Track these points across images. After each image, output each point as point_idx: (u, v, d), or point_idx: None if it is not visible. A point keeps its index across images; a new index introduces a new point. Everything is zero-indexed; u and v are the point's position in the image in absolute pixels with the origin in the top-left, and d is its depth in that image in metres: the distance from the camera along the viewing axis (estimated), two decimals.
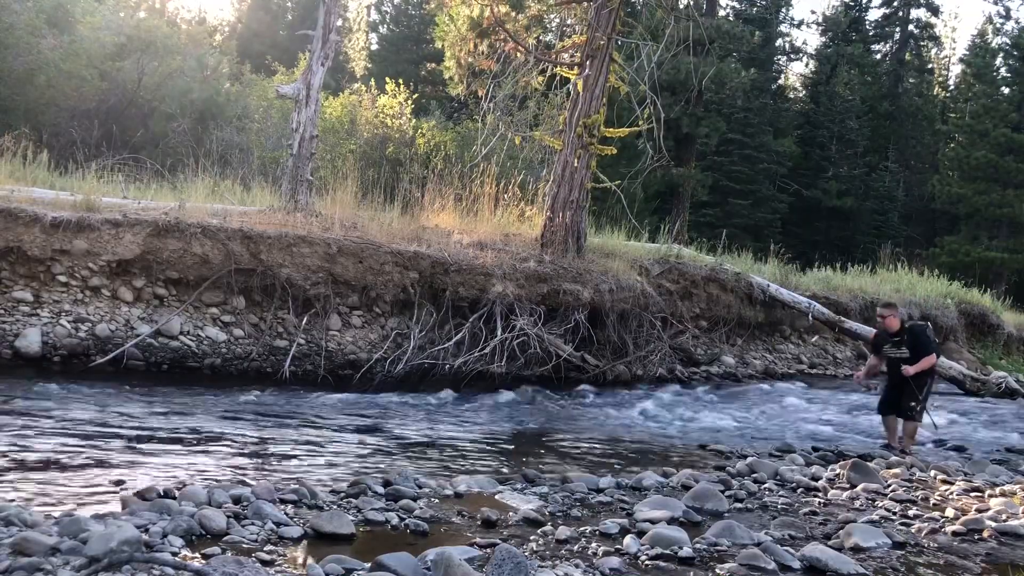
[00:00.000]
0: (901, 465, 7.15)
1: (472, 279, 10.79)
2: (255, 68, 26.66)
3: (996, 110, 30.24)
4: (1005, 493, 6.29)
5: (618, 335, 11.62)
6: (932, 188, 32.03)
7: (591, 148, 11.93)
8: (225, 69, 23.59)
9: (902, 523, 5.38)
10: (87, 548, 3.55)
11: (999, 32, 36.88)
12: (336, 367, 9.88)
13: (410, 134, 20.41)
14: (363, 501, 4.91)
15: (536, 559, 4.15)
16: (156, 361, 9.03)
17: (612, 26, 11.86)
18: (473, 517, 4.87)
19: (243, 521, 4.35)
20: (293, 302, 9.98)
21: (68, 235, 9.01)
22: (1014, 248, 29.08)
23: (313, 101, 11.73)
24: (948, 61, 43.48)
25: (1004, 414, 11.55)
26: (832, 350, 15.62)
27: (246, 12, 39.43)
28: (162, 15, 27.30)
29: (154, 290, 9.48)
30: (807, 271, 17.10)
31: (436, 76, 27.20)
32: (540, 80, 13.25)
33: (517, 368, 10.55)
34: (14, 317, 8.64)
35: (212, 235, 9.64)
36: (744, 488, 6.00)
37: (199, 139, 17.37)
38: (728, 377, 12.95)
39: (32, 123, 15.88)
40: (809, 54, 37.67)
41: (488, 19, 12.35)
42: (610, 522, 4.85)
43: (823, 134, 32.70)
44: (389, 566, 3.76)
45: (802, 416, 10.22)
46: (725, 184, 28.79)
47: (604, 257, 12.24)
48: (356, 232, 10.80)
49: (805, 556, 4.44)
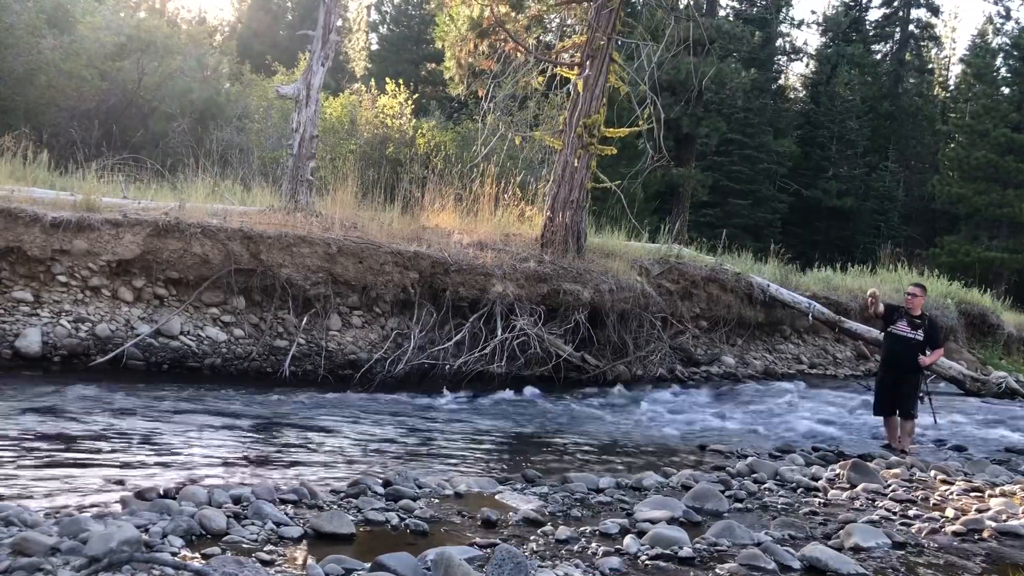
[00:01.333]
0: (901, 465, 7.15)
1: (472, 279, 10.79)
2: (255, 68, 26.65)
3: (996, 110, 30.23)
4: (1005, 493, 6.29)
5: (618, 335, 11.63)
6: (932, 188, 32.02)
7: (591, 148, 11.93)
8: (225, 69, 23.60)
9: (902, 523, 5.38)
10: (87, 548, 3.55)
11: (999, 32, 36.89)
12: (336, 367, 9.88)
13: (410, 134, 20.41)
14: (363, 501, 4.91)
15: (536, 559, 4.15)
16: (156, 361, 9.03)
17: (612, 26, 11.86)
18: (473, 517, 4.87)
19: (243, 521, 4.35)
20: (293, 302, 9.98)
21: (68, 235, 9.01)
22: (1014, 248, 29.07)
23: (313, 101, 11.73)
24: (948, 61, 43.52)
25: (1004, 414, 11.55)
26: (832, 350, 15.62)
27: (246, 12, 39.43)
28: (162, 15, 27.32)
29: (154, 290, 9.48)
30: (807, 271, 17.10)
31: (436, 76, 27.19)
32: (540, 80, 13.26)
33: (517, 368, 10.56)
34: (14, 317, 8.64)
35: (212, 235, 9.64)
36: (744, 488, 6.00)
37: (199, 139, 17.37)
38: (728, 377, 12.95)
39: (32, 123, 15.88)
40: (809, 54, 37.68)
41: (488, 19, 12.35)
42: (610, 522, 4.85)
43: (823, 134, 32.71)
44: (389, 566, 3.76)
45: (802, 416, 10.21)
46: (725, 184, 28.80)
47: (604, 257, 12.25)
48: (356, 232, 10.80)
49: (805, 556, 4.44)
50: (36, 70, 17.25)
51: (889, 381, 8.60)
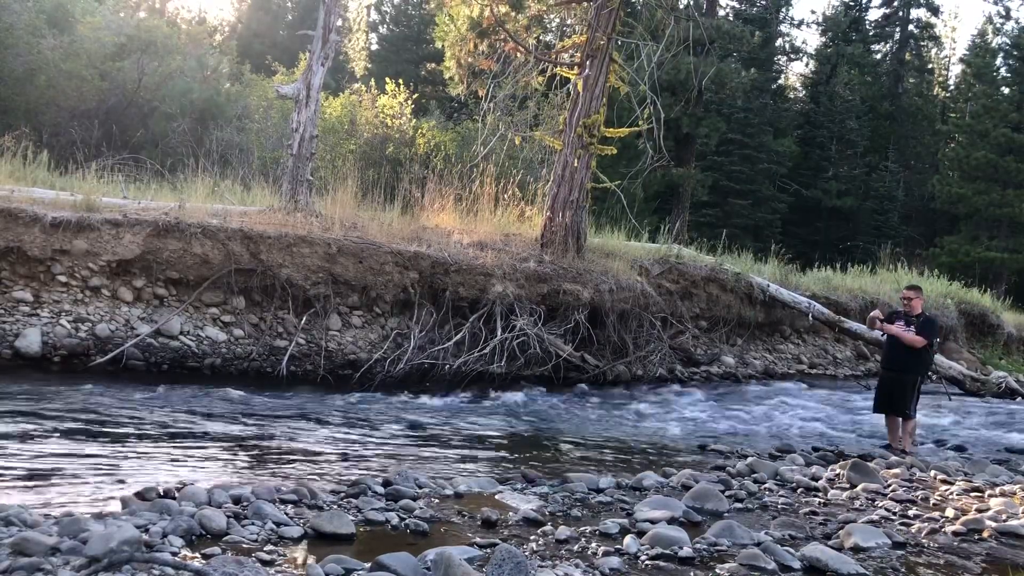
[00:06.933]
0: (901, 465, 7.15)
1: (472, 279, 10.79)
2: (255, 68, 26.64)
3: (996, 110, 30.23)
4: (1005, 493, 6.29)
5: (618, 335, 11.62)
6: (932, 188, 32.01)
7: (591, 148, 11.93)
8: (225, 69, 23.61)
9: (902, 523, 5.38)
10: (87, 548, 3.55)
11: (999, 32, 36.88)
12: (336, 367, 9.88)
13: (410, 134, 20.42)
14: (363, 501, 4.91)
15: (536, 559, 4.15)
16: (156, 361, 9.03)
17: (612, 26, 11.86)
18: (473, 517, 4.86)
19: (243, 521, 4.35)
20: (293, 302, 9.98)
21: (68, 235, 9.01)
22: (1014, 248, 29.07)
23: (313, 101, 11.73)
24: (948, 61, 43.51)
25: (1004, 414, 11.55)
26: (832, 350, 15.61)
27: (246, 12, 39.43)
28: (162, 15, 27.34)
29: (154, 290, 9.49)
30: (807, 271, 17.08)
31: (436, 76, 27.20)
32: (540, 80, 13.25)
33: (517, 368, 10.56)
34: (14, 317, 8.64)
35: (212, 235, 9.64)
36: (744, 488, 6.00)
37: (199, 139, 17.38)
38: (728, 377, 12.95)
39: (32, 123, 15.89)
40: (809, 54, 37.63)
41: (488, 19, 12.35)
42: (610, 522, 4.85)
43: (823, 134, 32.70)
44: (389, 566, 3.76)
45: (802, 416, 10.22)
46: (725, 184, 28.79)
47: (604, 257, 12.24)
48: (356, 232, 10.80)
49: (805, 556, 4.44)
50: (36, 70, 17.26)
51: (887, 380, 8.66)
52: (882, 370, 8.96)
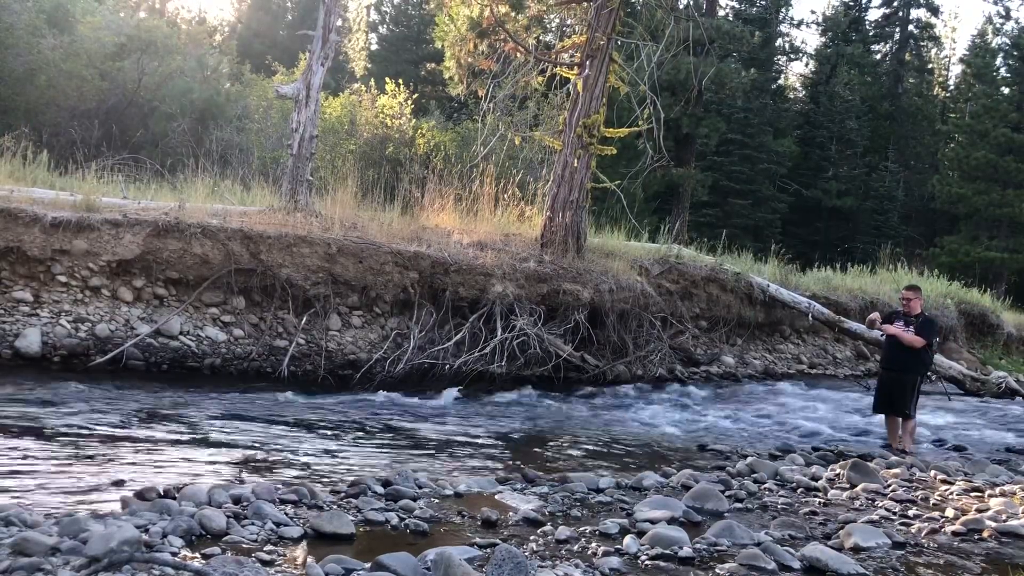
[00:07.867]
0: (901, 465, 7.15)
1: (472, 279, 10.79)
2: (255, 68, 26.65)
3: (996, 110, 30.23)
4: (1005, 493, 6.29)
5: (618, 335, 11.62)
6: (932, 188, 32.02)
7: (591, 148, 11.93)
8: (225, 69, 23.61)
9: (902, 523, 5.38)
10: (87, 548, 3.55)
11: (999, 32, 36.90)
12: (336, 367, 9.88)
13: (410, 134, 20.41)
14: (363, 501, 4.91)
15: (536, 559, 4.15)
16: (156, 361, 9.03)
17: (612, 26, 11.86)
18: (473, 517, 4.86)
19: (243, 521, 4.35)
20: (293, 302, 9.98)
21: (68, 235, 9.01)
22: (1014, 248, 29.08)
23: (313, 101, 11.73)
24: (948, 61, 43.52)
25: (1004, 414, 11.55)
26: (832, 350, 15.61)
27: (246, 12, 39.44)
28: (162, 15, 27.34)
29: (154, 290, 9.49)
30: (807, 271, 17.09)
31: (436, 76, 27.19)
32: (540, 80, 13.25)
33: (517, 368, 10.55)
34: (14, 317, 8.64)
35: (212, 235, 9.64)
36: (744, 488, 6.00)
37: (199, 139, 17.38)
38: (728, 377, 12.95)
39: (32, 123, 15.88)
40: (809, 54, 37.63)
41: (488, 19, 12.34)
42: (610, 522, 4.85)
43: (823, 134, 32.70)
44: (389, 566, 3.76)
45: (802, 416, 10.21)
46: (725, 184, 28.80)
47: (604, 257, 12.24)
48: (356, 232, 10.80)
49: (805, 556, 4.44)
50: (36, 70, 17.26)
51: (886, 380, 8.67)
52: (882, 370, 8.96)
